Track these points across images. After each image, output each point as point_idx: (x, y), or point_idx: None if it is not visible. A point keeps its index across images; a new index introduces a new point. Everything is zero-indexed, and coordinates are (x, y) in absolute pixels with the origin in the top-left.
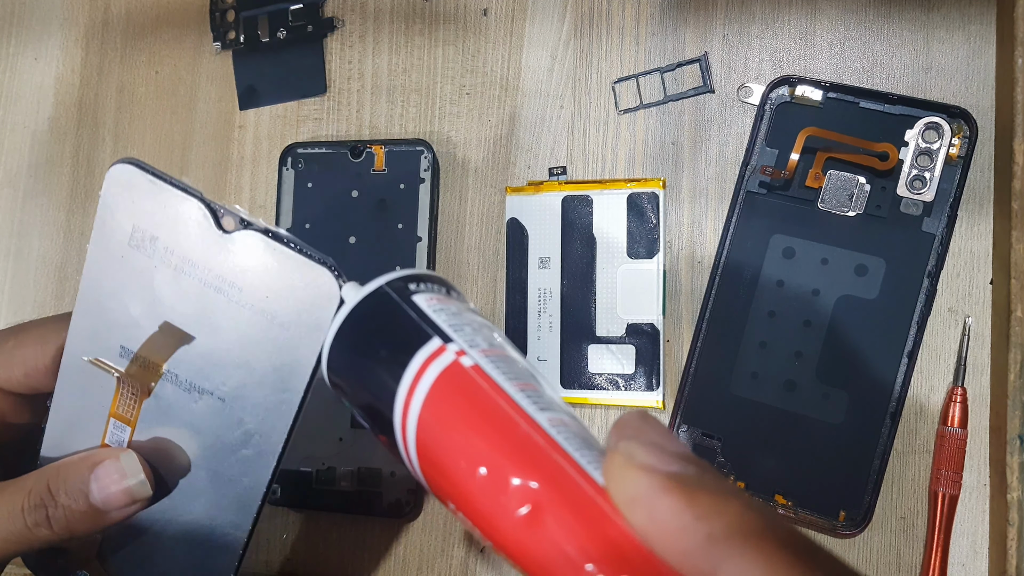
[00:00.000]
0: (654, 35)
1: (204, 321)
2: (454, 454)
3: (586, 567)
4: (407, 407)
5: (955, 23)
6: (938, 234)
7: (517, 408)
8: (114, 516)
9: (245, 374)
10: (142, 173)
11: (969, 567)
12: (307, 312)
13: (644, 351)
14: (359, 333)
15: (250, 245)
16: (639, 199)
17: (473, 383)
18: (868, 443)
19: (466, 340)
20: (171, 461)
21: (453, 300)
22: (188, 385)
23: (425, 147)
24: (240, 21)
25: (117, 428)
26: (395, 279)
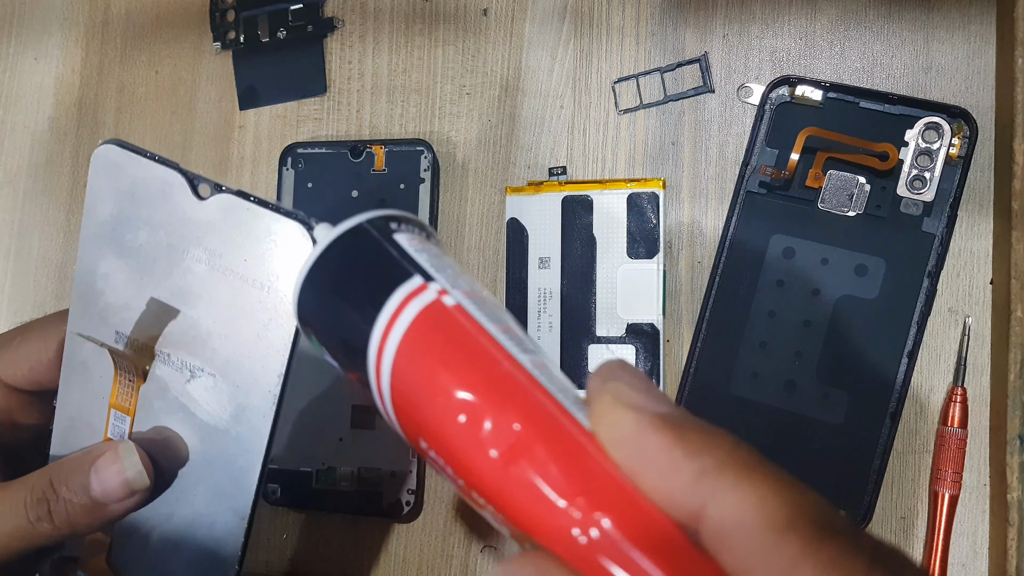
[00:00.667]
0: (654, 35)
1: (189, 294)
2: (432, 392)
3: (567, 507)
4: (383, 344)
5: (955, 23)
6: (938, 234)
7: (500, 348)
8: (114, 509)
9: (232, 345)
10: (123, 151)
11: (969, 567)
12: (284, 268)
13: (644, 351)
14: (336, 269)
15: (225, 208)
16: (639, 199)
17: (455, 321)
18: (868, 443)
19: (448, 280)
20: (170, 451)
21: (433, 243)
22: (180, 364)
23: (425, 147)
24: (240, 21)
25: (118, 419)
26: (376, 216)
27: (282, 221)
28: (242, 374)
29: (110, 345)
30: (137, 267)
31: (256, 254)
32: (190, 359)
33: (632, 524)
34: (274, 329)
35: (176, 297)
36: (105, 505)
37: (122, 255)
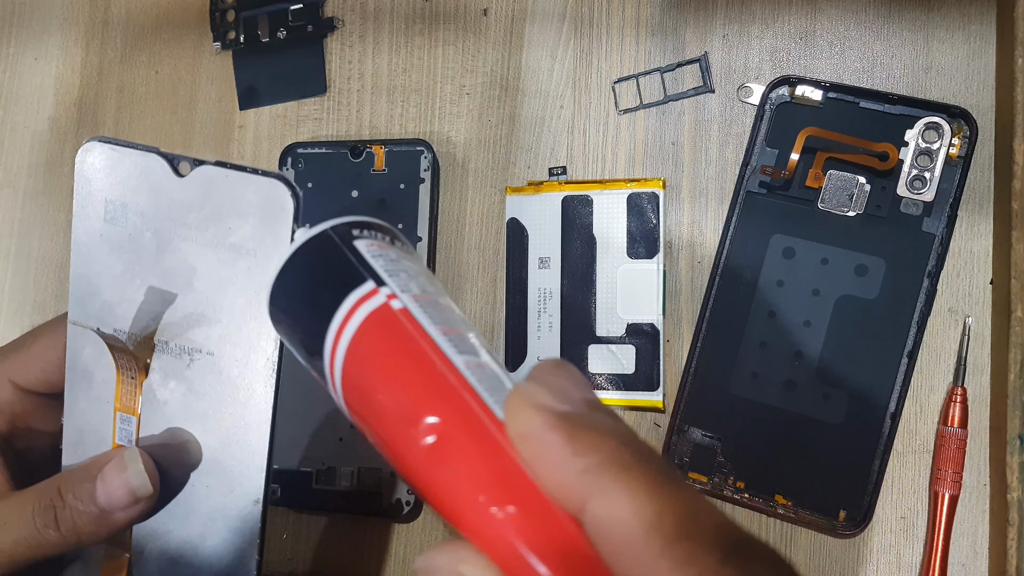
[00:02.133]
0: (654, 35)
1: (181, 275)
2: (373, 389)
3: (479, 497)
4: (336, 344)
5: (955, 23)
6: (938, 234)
7: (436, 349)
8: (119, 518)
9: (227, 318)
10: (105, 146)
11: (969, 567)
12: (269, 229)
13: (644, 351)
14: (300, 273)
15: (206, 181)
16: (639, 199)
17: (398, 324)
18: (868, 443)
19: (399, 285)
20: (182, 454)
21: (394, 248)
22: (179, 350)
23: (425, 147)
24: (240, 21)
25: (124, 422)
26: (340, 224)
27: (262, 182)
28: (239, 346)
29: (106, 333)
30: (129, 259)
31: (241, 221)
32: (188, 343)
33: (530, 517)
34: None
35: (169, 281)
36: (110, 513)
37: (113, 250)
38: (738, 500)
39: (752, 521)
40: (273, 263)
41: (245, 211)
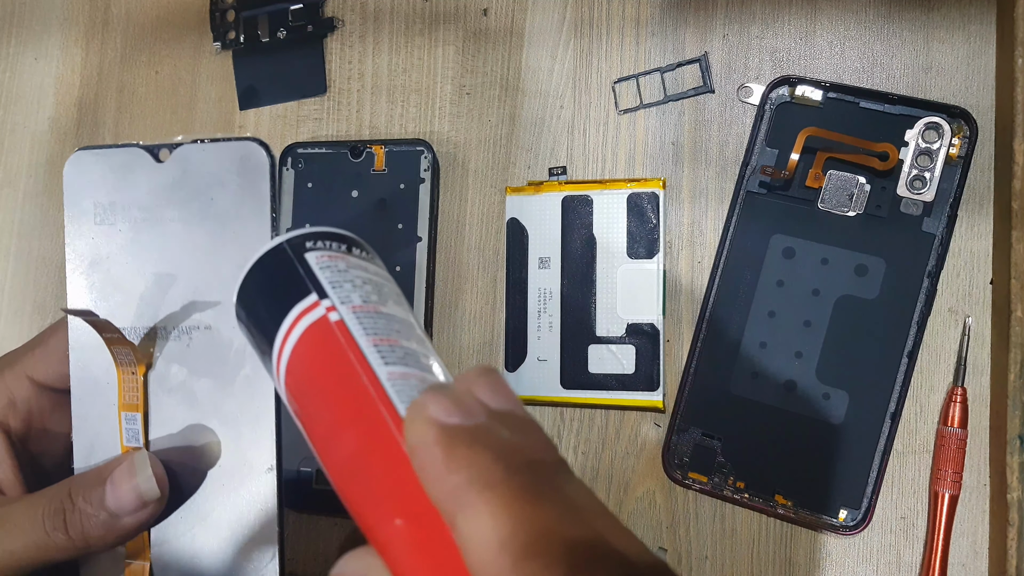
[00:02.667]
0: (654, 35)
1: (175, 255)
2: (305, 398)
3: (381, 509)
4: (281, 352)
5: (955, 23)
6: (938, 234)
7: (363, 362)
8: (127, 523)
9: (220, 289)
10: (88, 152)
11: (969, 567)
12: (249, 190)
13: (644, 351)
14: (256, 284)
15: (184, 160)
16: (639, 199)
17: (332, 337)
18: (868, 443)
19: (340, 296)
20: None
21: (350, 256)
22: (178, 332)
23: (425, 147)
24: (240, 21)
25: (129, 421)
26: (295, 236)
27: (235, 146)
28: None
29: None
30: (124, 259)
31: (222, 190)
32: (186, 322)
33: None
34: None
35: (165, 265)
36: (119, 518)
37: (107, 249)
38: (738, 500)
39: (752, 521)
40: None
41: (224, 179)
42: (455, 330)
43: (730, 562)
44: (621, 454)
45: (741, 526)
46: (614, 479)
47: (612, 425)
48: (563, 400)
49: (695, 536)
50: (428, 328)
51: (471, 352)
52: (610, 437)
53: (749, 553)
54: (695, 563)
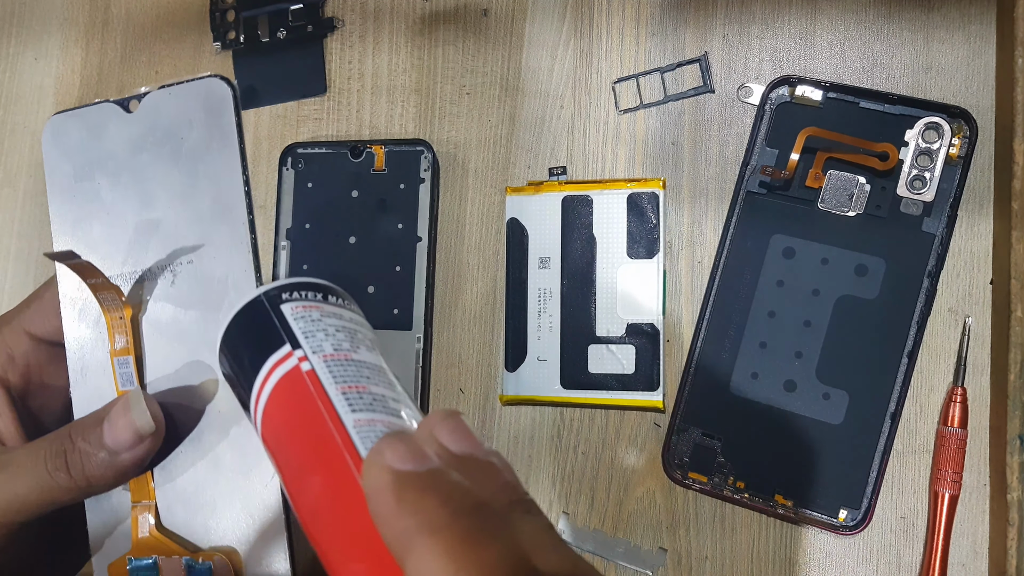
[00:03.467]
0: (654, 35)
1: (153, 202)
2: (278, 444)
3: (341, 553)
4: (257, 403)
5: (955, 23)
6: (938, 234)
7: (330, 410)
8: (125, 459)
9: (197, 221)
10: (62, 115)
11: (969, 567)
12: (215, 124)
13: (644, 351)
14: (235, 337)
15: (153, 107)
16: (639, 199)
17: (303, 386)
18: (868, 443)
19: (312, 345)
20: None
21: (322, 305)
22: (161, 270)
23: (425, 147)
24: (240, 21)
25: (121, 365)
26: (272, 288)
27: (199, 85)
28: (214, 239)
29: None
30: (106, 211)
31: (190, 128)
32: (169, 260)
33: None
34: (225, 180)
35: (148, 210)
36: (117, 454)
37: (90, 206)
38: (738, 500)
39: (752, 521)
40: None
41: (192, 117)
42: (455, 330)
43: (730, 562)
44: (621, 454)
45: (741, 526)
46: (614, 479)
47: (612, 425)
48: (563, 400)
49: (695, 536)
50: (428, 328)
51: (471, 352)
52: (610, 437)
53: (749, 553)
54: (695, 563)
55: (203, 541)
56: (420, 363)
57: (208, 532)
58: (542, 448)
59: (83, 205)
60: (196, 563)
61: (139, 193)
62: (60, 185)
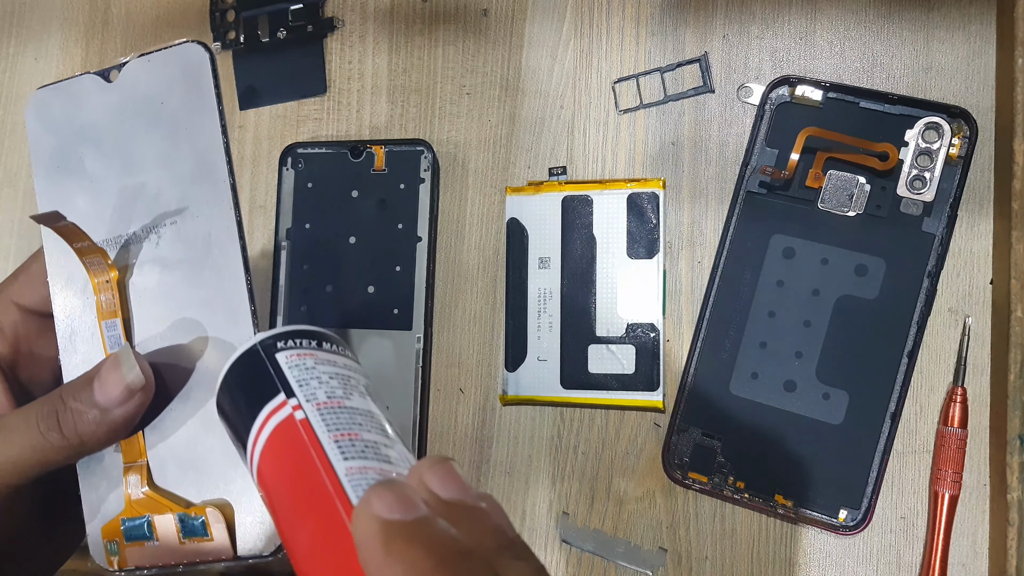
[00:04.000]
0: (654, 35)
1: (135, 167)
2: (274, 493)
3: None
4: (253, 451)
5: (955, 23)
6: (938, 234)
7: (323, 458)
8: (117, 416)
9: (180, 184)
10: (45, 89)
11: (969, 567)
12: (193, 88)
13: (644, 351)
14: (232, 386)
15: (133, 75)
16: (639, 199)
17: (296, 435)
18: (868, 443)
19: (306, 394)
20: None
21: (316, 353)
22: (146, 232)
23: (425, 147)
24: (240, 21)
25: (109, 328)
26: (267, 337)
27: (177, 51)
28: (196, 200)
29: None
30: (90, 180)
31: (170, 93)
32: (152, 223)
33: None
34: (202, 137)
35: (131, 176)
36: (109, 411)
37: (74, 177)
38: (738, 500)
39: (752, 521)
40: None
41: (171, 83)
42: (455, 330)
43: (730, 562)
44: (621, 454)
45: (741, 526)
46: (614, 479)
47: (612, 425)
48: (563, 400)
49: (695, 536)
50: (428, 328)
51: (471, 352)
52: (610, 437)
53: (749, 553)
54: (695, 563)
55: (196, 497)
56: (420, 363)
57: (200, 488)
58: (542, 448)
59: (68, 177)
60: (189, 517)
61: (122, 160)
62: (44, 159)
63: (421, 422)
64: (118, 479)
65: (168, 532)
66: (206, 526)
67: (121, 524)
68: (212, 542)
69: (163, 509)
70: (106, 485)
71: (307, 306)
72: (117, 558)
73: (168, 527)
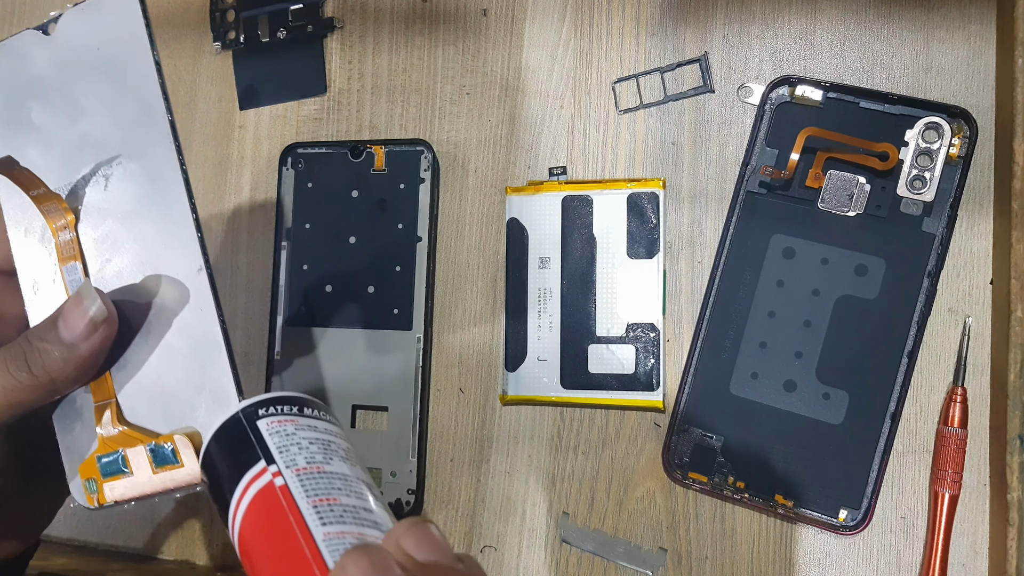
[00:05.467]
0: (654, 35)
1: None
2: (254, 559)
3: None
4: (235, 518)
5: (955, 23)
6: (938, 234)
7: (301, 524)
8: (83, 350)
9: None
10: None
11: (969, 567)
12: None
13: (644, 351)
14: (215, 454)
15: (70, 24)
16: (639, 199)
17: (276, 501)
18: (868, 443)
19: (286, 460)
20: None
21: (297, 419)
22: (94, 175)
23: (425, 147)
24: (240, 21)
25: (70, 272)
26: (249, 405)
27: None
28: (137, 135)
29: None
30: (39, 133)
31: (106, 38)
32: (99, 167)
33: None
34: (137, 76)
35: (77, 124)
36: (75, 346)
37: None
38: (738, 500)
39: (752, 521)
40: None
41: (104, 28)
42: (455, 330)
43: (730, 562)
44: (621, 454)
45: (741, 526)
46: (614, 479)
47: (612, 425)
48: (563, 400)
49: (695, 536)
50: (428, 328)
51: (471, 352)
52: (610, 437)
53: (749, 553)
54: (695, 563)
55: (165, 429)
56: (420, 363)
57: (169, 420)
58: (542, 448)
59: (17, 132)
60: (159, 446)
61: (67, 109)
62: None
63: (421, 422)
64: (90, 420)
65: (141, 463)
66: (176, 453)
67: (97, 461)
68: (183, 468)
69: (135, 442)
70: (80, 426)
71: (307, 306)
72: (96, 495)
73: (141, 458)
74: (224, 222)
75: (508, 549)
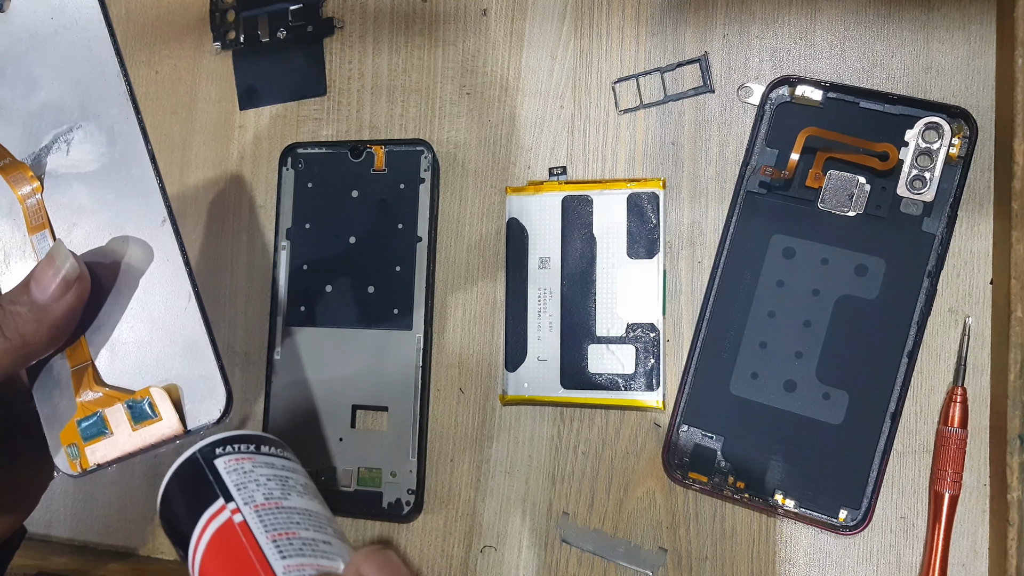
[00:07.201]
0: (654, 35)
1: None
2: None
3: None
4: (195, 556)
5: (955, 23)
6: (938, 234)
7: (261, 559)
8: (56, 310)
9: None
10: None
11: (969, 567)
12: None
13: (644, 351)
14: (172, 494)
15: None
16: (639, 199)
17: (235, 537)
18: (868, 443)
19: (244, 497)
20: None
21: (254, 456)
22: (55, 141)
23: (425, 147)
24: (240, 21)
25: (39, 241)
26: (206, 445)
27: None
28: (93, 97)
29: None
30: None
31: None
32: (59, 133)
33: None
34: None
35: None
36: (47, 305)
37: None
38: (738, 500)
39: (752, 521)
40: None
41: None
42: (455, 330)
43: (730, 562)
44: (621, 454)
45: (741, 526)
46: (614, 479)
47: (612, 425)
48: (563, 400)
49: (695, 536)
50: (428, 328)
51: (471, 352)
52: (610, 437)
53: (749, 553)
54: (695, 563)
55: (143, 385)
56: (420, 363)
57: (145, 377)
58: (542, 448)
59: None
60: (136, 402)
61: (25, 81)
62: None
63: (421, 422)
64: (68, 386)
65: (120, 422)
66: (153, 407)
67: (77, 426)
68: (162, 421)
69: (113, 402)
70: (59, 394)
71: (307, 306)
72: (78, 460)
73: (119, 417)
74: (224, 222)
75: (508, 549)
